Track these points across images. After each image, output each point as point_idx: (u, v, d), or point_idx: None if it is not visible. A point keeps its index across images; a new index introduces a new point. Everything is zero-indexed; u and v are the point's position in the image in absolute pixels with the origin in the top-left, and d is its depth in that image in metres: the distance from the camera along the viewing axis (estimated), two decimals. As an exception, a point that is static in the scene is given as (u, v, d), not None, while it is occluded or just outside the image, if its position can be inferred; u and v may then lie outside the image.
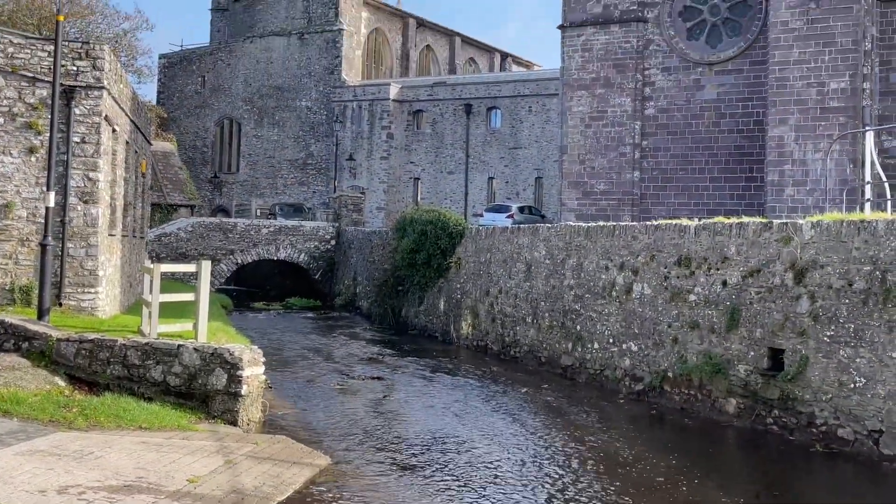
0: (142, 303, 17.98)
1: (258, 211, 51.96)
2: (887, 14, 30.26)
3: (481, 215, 41.78)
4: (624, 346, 19.94)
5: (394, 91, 55.81)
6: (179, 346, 14.37)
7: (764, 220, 17.06)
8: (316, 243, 42.76)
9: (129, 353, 14.59)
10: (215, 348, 14.25)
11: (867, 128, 21.16)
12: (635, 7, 34.66)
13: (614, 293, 20.42)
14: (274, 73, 61.59)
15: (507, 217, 38.86)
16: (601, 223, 22.49)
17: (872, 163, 18.68)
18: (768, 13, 31.44)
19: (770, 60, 31.05)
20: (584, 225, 22.71)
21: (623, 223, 21.72)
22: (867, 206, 18.17)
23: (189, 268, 18.25)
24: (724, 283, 17.22)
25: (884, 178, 20.11)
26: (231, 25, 68.34)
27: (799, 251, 15.67)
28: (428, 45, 69.74)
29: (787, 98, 30.41)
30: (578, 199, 35.51)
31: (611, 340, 20.43)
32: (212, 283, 30.13)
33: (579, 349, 21.52)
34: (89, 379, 14.80)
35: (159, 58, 65.45)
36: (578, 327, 21.66)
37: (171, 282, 28.28)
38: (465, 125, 53.52)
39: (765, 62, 31.75)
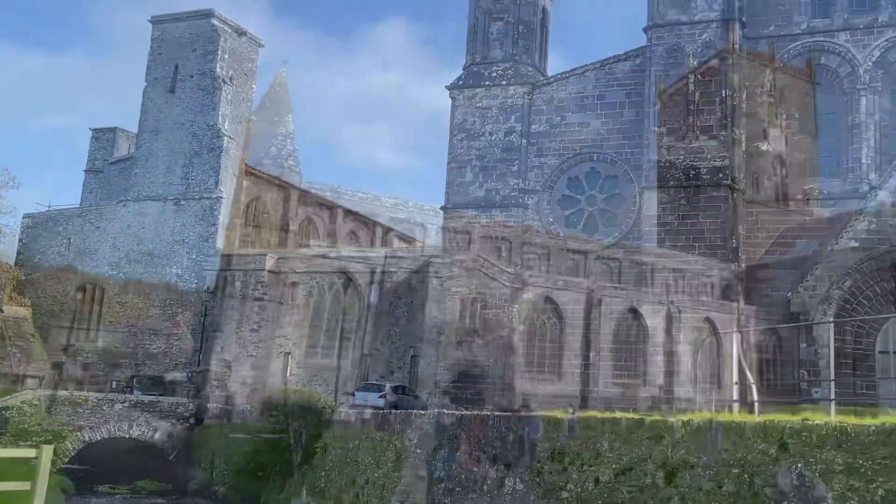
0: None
1: (114, 383, 49.06)
2: (752, 213, 31.58)
3: (353, 394, 40.25)
4: (494, 546, 18.75)
5: (270, 262, 54.48)
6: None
7: (637, 416, 16.62)
8: (173, 421, 40.22)
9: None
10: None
11: (734, 330, 21.40)
12: (516, 194, 35.48)
13: (486, 487, 19.37)
14: (145, 238, 59.69)
15: (380, 397, 37.37)
16: (475, 412, 21.74)
17: (740, 362, 18.73)
18: (642, 206, 32.42)
19: (644, 250, 31.75)
20: (457, 413, 21.89)
21: (497, 413, 20.98)
22: (735, 406, 18.16)
23: (28, 453, 16.45)
24: (597, 481, 16.49)
25: (751, 380, 20.20)
26: (105, 188, 66.95)
27: (670, 450, 15.22)
28: (309, 217, 69.57)
29: (660, 289, 30.97)
30: (454, 382, 34.81)
31: (480, 540, 19.22)
32: (54, 463, 27.60)
33: (447, 548, 20.17)
34: None
35: (23, 217, 62.93)
36: (447, 524, 20.38)
37: (6, 461, 25.71)
38: (341, 299, 52.53)
39: (639, 251, 32.43)
